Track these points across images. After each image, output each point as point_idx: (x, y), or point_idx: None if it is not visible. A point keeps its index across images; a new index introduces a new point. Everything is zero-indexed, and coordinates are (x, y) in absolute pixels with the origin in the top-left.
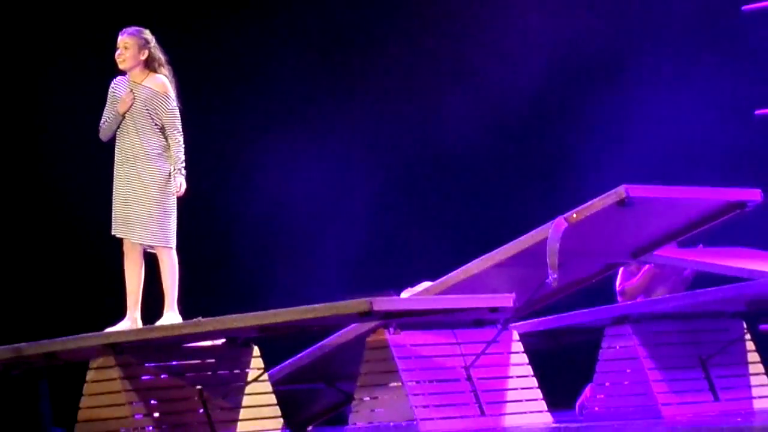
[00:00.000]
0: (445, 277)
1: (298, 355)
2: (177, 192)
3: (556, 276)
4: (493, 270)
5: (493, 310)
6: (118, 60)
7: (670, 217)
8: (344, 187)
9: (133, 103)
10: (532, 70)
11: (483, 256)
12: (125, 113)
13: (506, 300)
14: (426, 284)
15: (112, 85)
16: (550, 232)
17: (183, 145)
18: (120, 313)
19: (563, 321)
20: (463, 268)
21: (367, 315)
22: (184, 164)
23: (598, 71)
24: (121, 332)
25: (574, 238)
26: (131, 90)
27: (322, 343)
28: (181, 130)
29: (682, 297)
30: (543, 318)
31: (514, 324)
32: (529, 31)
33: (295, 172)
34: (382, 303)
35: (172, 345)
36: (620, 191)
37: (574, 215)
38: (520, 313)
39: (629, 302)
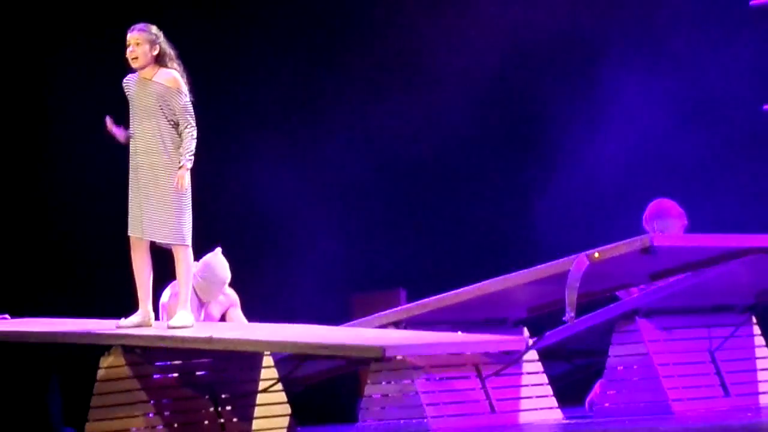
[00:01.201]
0: (461, 289)
1: None
2: (177, 187)
3: (573, 315)
4: (509, 288)
5: (506, 352)
6: (129, 57)
7: (692, 255)
8: (316, 190)
9: (124, 134)
10: (493, 61)
11: (500, 277)
12: (140, 115)
13: (519, 343)
14: None
15: (124, 83)
16: (571, 269)
17: (195, 140)
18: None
19: (574, 327)
20: (480, 285)
21: (379, 360)
22: (192, 157)
23: (565, 62)
24: (132, 336)
25: (594, 268)
26: (108, 126)
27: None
28: (194, 125)
29: (693, 276)
30: (554, 330)
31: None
32: (490, 23)
33: (267, 175)
34: (395, 349)
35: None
36: (645, 240)
37: (596, 254)
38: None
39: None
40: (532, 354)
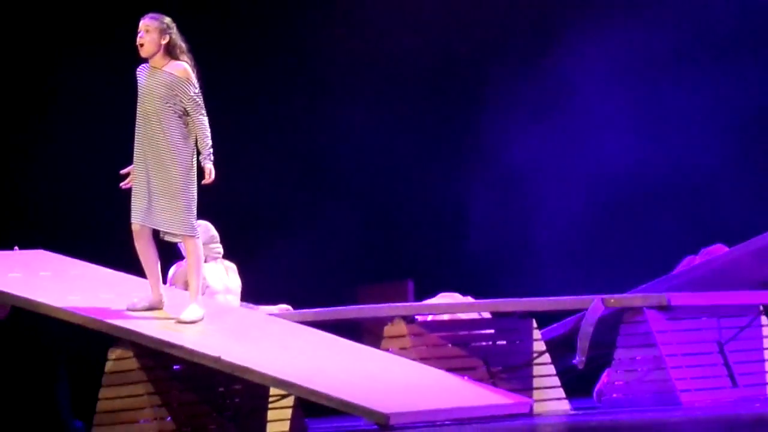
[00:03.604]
0: (473, 302)
1: None
2: (208, 179)
3: (584, 359)
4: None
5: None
6: (138, 44)
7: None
8: (322, 181)
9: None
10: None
11: (513, 300)
12: (146, 104)
13: (524, 406)
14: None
15: (137, 72)
16: (587, 314)
17: (209, 130)
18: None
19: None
20: (492, 302)
21: (383, 428)
22: (211, 150)
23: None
24: (142, 335)
25: None
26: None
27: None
28: (205, 114)
29: (700, 266)
30: (564, 321)
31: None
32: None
33: (273, 166)
34: (401, 417)
35: None
36: (662, 299)
37: (612, 300)
38: None
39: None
40: (540, 345)
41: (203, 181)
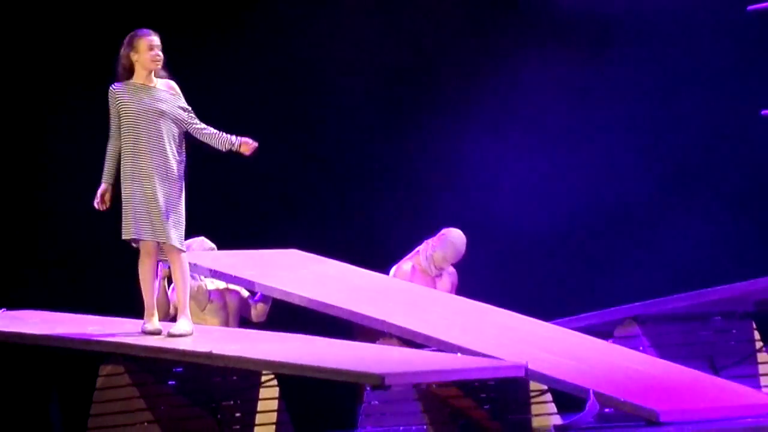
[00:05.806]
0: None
1: None
2: (251, 145)
3: None
4: None
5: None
6: (160, 59)
7: None
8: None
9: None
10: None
11: (511, 364)
12: (142, 121)
13: (519, 369)
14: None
15: (115, 91)
16: (586, 408)
17: (212, 128)
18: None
19: (572, 324)
20: (484, 360)
21: (379, 388)
22: (230, 135)
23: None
24: (133, 345)
25: None
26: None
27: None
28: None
29: (692, 296)
30: (551, 321)
31: None
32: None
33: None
34: (396, 377)
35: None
36: (652, 414)
37: (606, 400)
38: None
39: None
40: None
41: (249, 146)
